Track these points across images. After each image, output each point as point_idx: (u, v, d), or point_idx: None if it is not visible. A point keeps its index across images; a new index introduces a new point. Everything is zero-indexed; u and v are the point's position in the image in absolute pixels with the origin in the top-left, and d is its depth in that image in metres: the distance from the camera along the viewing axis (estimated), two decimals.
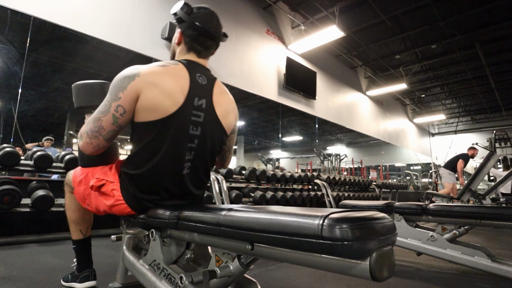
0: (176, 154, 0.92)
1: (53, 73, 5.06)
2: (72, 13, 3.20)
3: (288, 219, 0.53)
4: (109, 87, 0.91)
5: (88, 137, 0.89)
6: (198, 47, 1.02)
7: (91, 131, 0.89)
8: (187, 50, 1.03)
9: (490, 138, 6.95)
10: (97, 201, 1.01)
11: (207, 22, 1.00)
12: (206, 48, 1.03)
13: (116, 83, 0.89)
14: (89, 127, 0.89)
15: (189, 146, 0.94)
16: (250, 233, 0.58)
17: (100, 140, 0.90)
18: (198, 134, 0.95)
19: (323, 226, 0.46)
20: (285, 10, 5.83)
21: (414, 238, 1.86)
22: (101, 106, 0.90)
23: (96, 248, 2.11)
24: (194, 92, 0.94)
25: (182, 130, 0.92)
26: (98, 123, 0.88)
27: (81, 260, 1.26)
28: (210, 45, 1.04)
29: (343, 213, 0.49)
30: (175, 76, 0.92)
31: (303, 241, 0.49)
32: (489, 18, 6.08)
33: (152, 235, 0.89)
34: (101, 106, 0.90)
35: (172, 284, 0.78)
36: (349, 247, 0.44)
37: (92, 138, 0.89)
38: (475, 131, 12.90)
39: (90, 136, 0.89)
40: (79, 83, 1.15)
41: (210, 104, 0.98)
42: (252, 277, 0.80)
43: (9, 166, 2.28)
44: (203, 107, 0.96)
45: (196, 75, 0.97)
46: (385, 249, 0.48)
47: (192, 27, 0.99)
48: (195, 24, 0.98)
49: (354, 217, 0.48)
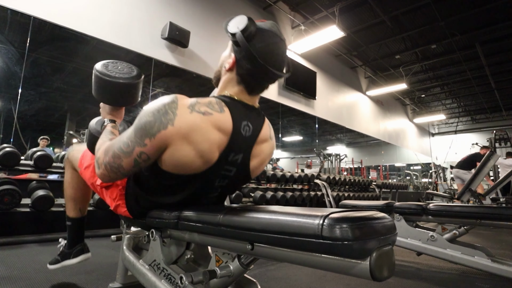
0: (196, 198, 0.87)
1: (53, 73, 5.06)
2: (72, 13, 3.20)
3: (288, 219, 0.53)
4: (137, 119, 0.74)
5: (106, 170, 0.78)
6: (253, 83, 0.82)
7: (110, 166, 0.76)
8: (237, 82, 0.82)
9: (490, 138, 6.95)
10: (102, 194, 1.01)
11: (271, 58, 0.78)
12: (262, 87, 0.84)
13: (144, 124, 0.71)
14: (108, 160, 0.76)
15: (210, 195, 0.89)
16: (250, 233, 0.58)
17: (118, 176, 0.79)
18: (223, 184, 0.87)
19: (323, 225, 0.46)
20: (285, 10, 5.83)
21: (414, 238, 1.86)
22: (123, 142, 0.74)
23: (96, 248, 2.12)
24: (232, 147, 0.78)
25: (207, 183, 0.84)
26: (118, 161, 0.75)
27: (73, 236, 1.23)
28: (268, 85, 0.84)
29: (343, 213, 0.49)
30: (217, 129, 0.74)
31: (303, 241, 0.49)
32: (489, 18, 6.08)
33: (152, 235, 0.89)
34: (123, 142, 0.74)
35: (172, 284, 0.77)
36: (349, 247, 0.44)
37: (110, 173, 0.78)
38: (475, 131, 12.91)
39: (109, 170, 0.78)
40: (103, 76, 0.96)
41: (247, 158, 0.84)
42: (252, 277, 0.80)
43: (9, 166, 2.28)
44: (237, 162, 0.82)
45: (242, 125, 0.79)
46: (385, 248, 0.48)
47: (251, 60, 0.77)
48: (256, 59, 0.76)
49: (354, 217, 0.48)
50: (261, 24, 0.80)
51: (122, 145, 0.75)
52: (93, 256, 1.30)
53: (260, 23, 0.80)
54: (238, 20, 0.78)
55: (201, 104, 0.74)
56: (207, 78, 4.52)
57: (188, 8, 4.37)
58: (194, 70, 4.35)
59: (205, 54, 4.48)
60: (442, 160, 12.11)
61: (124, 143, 0.74)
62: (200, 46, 4.41)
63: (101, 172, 0.79)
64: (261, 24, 0.80)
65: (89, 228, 2.57)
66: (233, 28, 0.78)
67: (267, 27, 0.79)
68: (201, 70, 4.43)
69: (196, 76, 4.48)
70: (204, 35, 4.49)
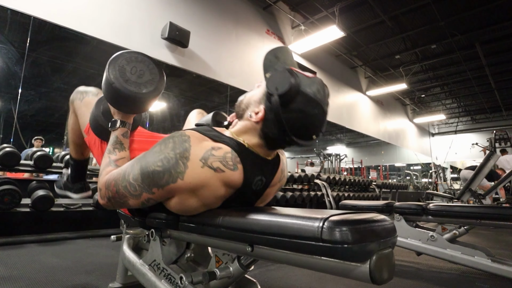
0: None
1: (53, 73, 5.06)
2: (72, 13, 3.20)
3: (288, 221, 0.53)
4: (145, 161, 0.69)
5: (110, 202, 0.75)
6: (275, 144, 0.75)
7: (114, 200, 0.73)
8: (259, 135, 0.73)
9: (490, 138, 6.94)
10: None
11: (304, 131, 0.69)
12: (283, 147, 0.78)
13: (152, 173, 0.66)
14: (112, 195, 0.73)
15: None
16: (250, 235, 0.58)
17: (123, 207, 0.76)
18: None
19: (323, 228, 0.46)
20: (285, 10, 5.83)
21: (414, 238, 1.86)
22: (129, 184, 0.70)
23: (96, 248, 2.12)
24: (238, 199, 0.75)
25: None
26: (123, 199, 0.72)
27: (75, 174, 1.25)
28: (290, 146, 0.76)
29: (343, 215, 0.49)
30: (226, 186, 0.69)
31: (303, 244, 0.49)
32: (489, 18, 6.08)
33: (152, 235, 0.89)
34: (129, 184, 0.70)
35: (172, 284, 0.77)
36: (349, 250, 0.44)
37: (114, 205, 0.75)
38: (475, 131, 12.90)
39: (113, 203, 0.74)
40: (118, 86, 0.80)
41: (252, 203, 0.81)
42: (252, 277, 0.80)
43: (9, 166, 2.28)
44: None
45: (255, 180, 0.73)
46: (385, 251, 0.48)
47: (280, 128, 0.69)
48: (285, 129, 0.68)
49: (354, 220, 0.48)
50: (307, 85, 0.67)
51: (129, 186, 0.70)
52: (93, 256, 1.30)
53: (307, 83, 0.67)
54: (280, 78, 0.67)
55: (215, 158, 0.67)
56: (207, 78, 4.52)
57: (188, 8, 4.37)
58: (194, 70, 4.35)
59: (205, 54, 4.48)
60: (442, 160, 12.12)
61: (131, 184, 0.70)
62: (200, 46, 4.41)
63: (104, 203, 0.76)
64: (307, 85, 0.67)
65: (89, 228, 2.58)
66: (271, 86, 0.68)
67: (312, 93, 0.66)
68: (201, 70, 4.43)
69: (196, 76, 4.49)
70: (204, 35, 4.49)
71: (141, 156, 0.72)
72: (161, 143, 0.70)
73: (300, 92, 0.66)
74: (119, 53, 0.84)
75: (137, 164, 0.70)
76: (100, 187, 0.77)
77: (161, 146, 0.69)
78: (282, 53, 0.76)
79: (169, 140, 0.69)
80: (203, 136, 0.72)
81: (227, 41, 4.83)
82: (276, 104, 0.67)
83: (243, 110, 0.77)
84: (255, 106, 0.73)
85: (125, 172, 0.72)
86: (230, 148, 0.70)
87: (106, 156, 0.83)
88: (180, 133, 0.70)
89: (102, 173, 0.79)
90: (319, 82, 0.70)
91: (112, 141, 0.85)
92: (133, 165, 0.71)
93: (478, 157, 6.65)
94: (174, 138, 0.69)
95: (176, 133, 0.71)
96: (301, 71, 0.71)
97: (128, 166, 0.73)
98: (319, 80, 0.71)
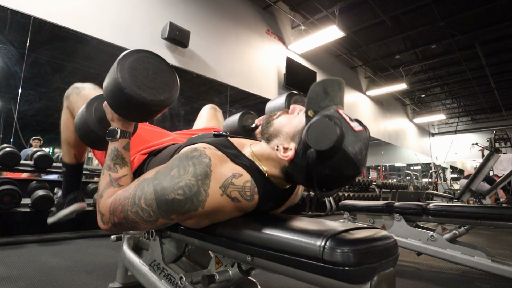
0: None
1: (53, 73, 5.06)
2: (72, 13, 3.20)
3: (289, 238, 0.52)
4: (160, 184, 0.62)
5: (114, 227, 0.68)
6: (297, 184, 0.73)
7: (121, 226, 0.67)
8: (281, 170, 0.68)
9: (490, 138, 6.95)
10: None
11: (330, 186, 0.63)
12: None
13: (172, 202, 0.61)
14: (119, 221, 0.66)
15: None
16: (250, 247, 0.58)
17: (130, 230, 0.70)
18: None
19: (324, 248, 0.46)
20: (285, 10, 5.84)
21: (414, 238, 1.86)
22: (143, 210, 0.63)
23: (96, 248, 2.12)
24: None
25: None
26: (133, 224, 0.65)
27: (68, 184, 1.11)
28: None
29: (345, 234, 0.49)
30: (239, 211, 0.68)
31: (303, 262, 0.48)
32: (489, 18, 6.08)
33: (152, 235, 0.89)
34: (143, 210, 0.63)
35: (172, 284, 0.77)
36: (350, 273, 0.44)
37: (119, 230, 0.69)
38: (475, 131, 12.90)
39: (119, 228, 0.68)
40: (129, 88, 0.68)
41: None
42: (252, 277, 0.80)
43: (9, 166, 2.28)
44: None
45: (266, 206, 0.71)
46: (387, 271, 0.48)
47: (306, 178, 0.63)
48: (311, 181, 0.62)
49: (356, 239, 0.47)
50: (350, 142, 0.57)
51: (141, 212, 0.63)
52: (93, 256, 1.30)
53: (351, 140, 0.57)
54: (323, 130, 0.57)
55: (235, 188, 0.64)
56: (207, 78, 4.52)
57: (188, 8, 4.37)
58: (194, 70, 4.35)
59: (205, 54, 4.48)
60: (442, 160, 12.12)
61: (143, 210, 0.63)
62: (200, 46, 4.41)
63: (107, 228, 0.69)
64: (350, 142, 0.57)
65: (89, 228, 2.58)
66: (312, 137, 0.58)
67: (353, 154, 0.57)
68: (201, 70, 4.43)
69: (196, 76, 4.49)
70: (204, 35, 4.49)
71: (152, 177, 0.65)
72: (179, 165, 0.63)
73: (341, 150, 0.57)
74: (128, 52, 0.72)
75: (149, 186, 0.63)
76: (102, 212, 0.68)
77: (179, 169, 0.62)
78: (332, 88, 0.66)
79: (188, 162, 0.63)
80: (223, 156, 0.67)
81: (227, 41, 4.83)
82: (311, 156, 0.59)
83: (270, 135, 0.70)
84: (286, 140, 0.66)
85: (134, 196, 0.64)
86: (250, 176, 0.66)
87: (105, 173, 0.73)
88: (200, 153, 0.65)
89: (103, 195, 0.70)
90: (365, 139, 0.60)
91: (112, 155, 0.74)
92: (143, 188, 0.64)
93: (478, 157, 6.65)
94: (193, 160, 0.63)
95: (194, 152, 0.65)
96: (350, 119, 0.61)
97: (137, 188, 0.65)
98: (365, 136, 0.61)
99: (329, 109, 0.62)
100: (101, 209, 0.69)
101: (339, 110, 0.62)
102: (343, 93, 0.69)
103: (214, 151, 0.67)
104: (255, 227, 0.60)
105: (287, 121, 0.69)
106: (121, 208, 0.65)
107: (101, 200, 0.70)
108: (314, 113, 0.62)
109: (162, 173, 0.64)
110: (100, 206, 0.69)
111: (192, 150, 0.66)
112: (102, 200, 0.69)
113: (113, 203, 0.67)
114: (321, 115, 0.60)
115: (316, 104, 0.62)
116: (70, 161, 1.09)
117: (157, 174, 0.65)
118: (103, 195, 0.70)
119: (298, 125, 0.66)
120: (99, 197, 0.71)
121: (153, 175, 0.65)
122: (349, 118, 0.61)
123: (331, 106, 0.63)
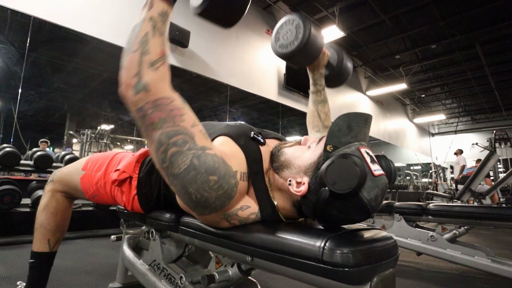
0: None
1: (53, 73, 5.06)
2: (72, 13, 3.20)
3: (288, 238, 0.52)
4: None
5: (138, 102, 0.59)
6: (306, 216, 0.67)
7: (145, 115, 0.60)
8: (293, 204, 0.65)
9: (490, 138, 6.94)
10: (112, 191, 0.93)
11: (343, 223, 0.59)
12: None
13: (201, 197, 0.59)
14: (156, 113, 0.59)
15: None
16: (250, 248, 0.58)
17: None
18: None
19: (324, 249, 0.46)
20: (285, 10, 5.83)
21: (414, 238, 1.86)
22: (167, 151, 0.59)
23: (96, 248, 2.12)
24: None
25: None
26: (150, 128, 0.60)
27: (34, 281, 0.97)
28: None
29: (345, 234, 0.49)
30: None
31: (303, 263, 0.49)
32: (489, 18, 6.08)
33: (152, 235, 0.89)
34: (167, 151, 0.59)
35: (172, 284, 0.78)
36: (349, 274, 0.44)
37: (139, 111, 0.60)
38: (475, 131, 12.91)
39: (141, 109, 0.60)
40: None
41: None
42: (252, 277, 0.80)
43: (9, 166, 2.28)
44: None
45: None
46: (387, 272, 0.49)
47: (317, 216, 0.58)
48: (322, 219, 0.59)
49: (356, 241, 0.48)
50: (367, 188, 0.53)
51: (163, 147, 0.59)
52: (93, 256, 1.30)
53: (369, 186, 0.53)
54: (343, 172, 0.52)
55: (237, 218, 0.63)
56: (207, 78, 4.52)
57: (188, 8, 4.34)
58: (194, 70, 4.35)
59: (205, 54, 4.48)
60: (442, 160, 12.11)
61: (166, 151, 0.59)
62: (200, 46, 4.41)
63: (129, 95, 0.59)
64: (367, 188, 0.53)
65: (89, 228, 2.58)
66: (330, 176, 0.53)
67: (368, 201, 0.52)
68: (201, 70, 4.43)
69: (196, 76, 4.48)
70: (204, 35, 4.49)
71: (198, 151, 0.59)
72: (216, 175, 0.59)
73: (357, 196, 0.52)
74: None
75: (188, 155, 0.58)
76: (156, 123, 0.60)
77: (215, 180, 0.59)
78: (357, 123, 0.59)
79: (220, 181, 0.59)
80: (245, 187, 0.65)
81: (227, 41, 4.83)
82: (323, 194, 0.54)
83: (281, 165, 0.66)
84: (298, 173, 0.62)
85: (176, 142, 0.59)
86: (258, 208, 0.65)
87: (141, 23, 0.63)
88: (235, 183, 0.61)
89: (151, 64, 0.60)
90: (383, 185, 0.55)
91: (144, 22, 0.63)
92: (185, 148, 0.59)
93: (478, 157, 6.65)
94: (225, 188, 0.60)
95: (232, 180, 0.61)
96: (371, 160, 0.56)
97: (186, 136, 0.60)
98: (384, 182, 0.56)
99: (351, 146, 0.57)
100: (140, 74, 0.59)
101: (361, 149, 0.56)
102: (368, 129, 0.63)
103: (244, 184, 0.64)
104: (255, 228, 0.60)
105: (300, 153, 0.66)
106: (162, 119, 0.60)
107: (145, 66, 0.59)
108: (333, 148, 0.57)
109: (203, 160, 0.58)
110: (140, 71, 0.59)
111: (231, 175, 0.61)
112: (151, 90, 0.59)
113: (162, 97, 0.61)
114: (342, 153, 0.55)
115: (337, 139, 0.57)
116: (41, 248, 0.98)
117: (203, 154, 0.59)
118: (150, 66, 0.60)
119: (311, 158, 0.62)
120: (142, 53, 0.60)
121: (200, 150, 0.59)
122: (371, 159, 0.56)
123: (353, 143, 0.58)
